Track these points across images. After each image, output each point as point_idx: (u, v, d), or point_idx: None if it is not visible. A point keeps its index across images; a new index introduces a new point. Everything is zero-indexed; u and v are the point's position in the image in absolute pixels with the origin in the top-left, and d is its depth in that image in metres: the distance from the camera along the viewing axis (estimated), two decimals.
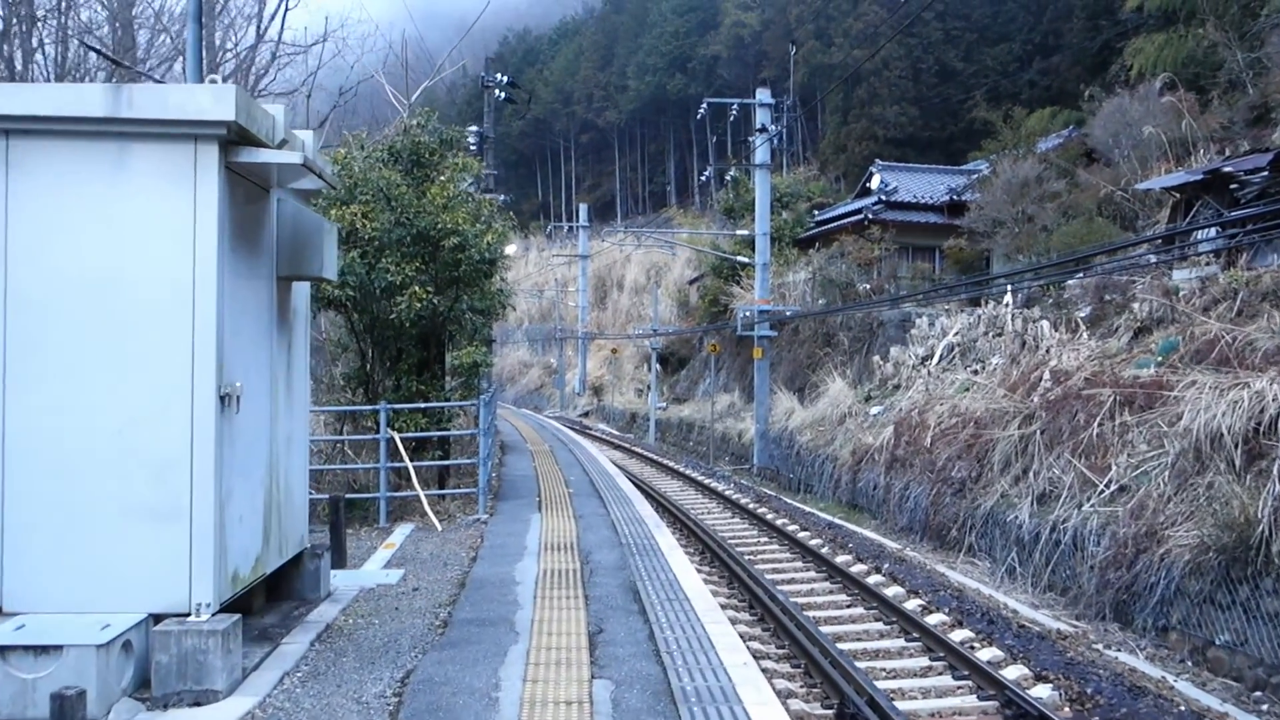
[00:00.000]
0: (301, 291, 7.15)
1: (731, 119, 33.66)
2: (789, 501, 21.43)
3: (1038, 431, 14.76)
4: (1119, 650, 10.38)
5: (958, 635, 10.54)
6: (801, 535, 16.60)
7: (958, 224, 32.61)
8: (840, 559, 14.54)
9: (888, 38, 57.05)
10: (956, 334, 24.20)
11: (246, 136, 5.75)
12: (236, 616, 5.69)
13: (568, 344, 61.05)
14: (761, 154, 28.10)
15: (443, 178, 12.92)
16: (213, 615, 5.58)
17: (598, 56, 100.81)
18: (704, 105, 29.90)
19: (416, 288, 12.13)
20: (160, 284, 5.60)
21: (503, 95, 24.73)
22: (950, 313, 27.58)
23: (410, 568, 9.21)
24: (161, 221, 5.62)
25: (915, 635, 10.62)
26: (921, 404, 20.24)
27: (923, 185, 37.35)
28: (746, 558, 14.65)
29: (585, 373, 56.47)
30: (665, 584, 8.58)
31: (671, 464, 28.20)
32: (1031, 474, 14.31)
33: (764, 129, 27.70)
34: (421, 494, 11.76)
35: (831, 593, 12.87)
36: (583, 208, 58.40)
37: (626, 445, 34.09)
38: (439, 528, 11.05)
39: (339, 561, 9.19)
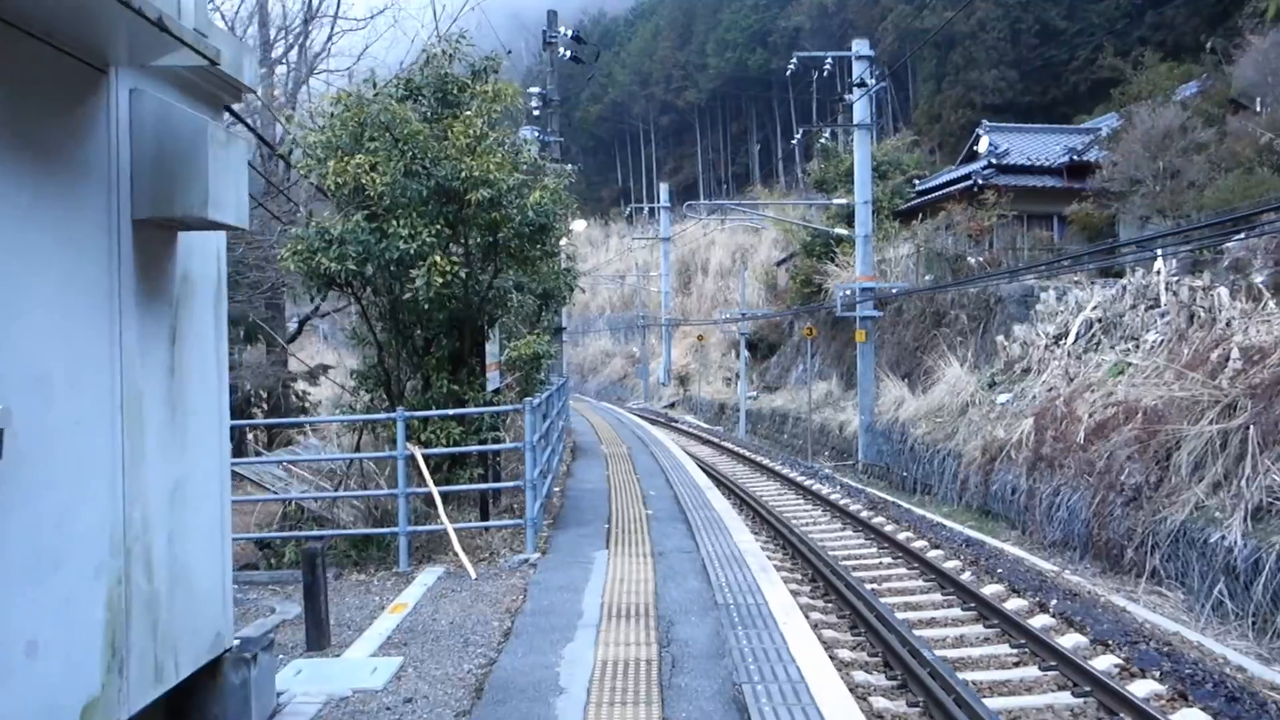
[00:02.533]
0: (199, 249, 4.49)
1: (816, 96, 30.67)
2: (905, 506, 18.43)
3: (1245, 425, 11.57)
4: None
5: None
6: (933, 555, 13.66)
7: (1080, 187, 29.28)
8: (989, 590, 11.59)
9: None
10: (1095, 308, 20.88)
11: None
12: None
13: (651, 332, 58.35)
14: (860, 111, 24.99)
15: (469, 112, 9.95)
16: None
17: (675, 35, 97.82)
18: (793, 61, 26.82)
19: (438, 257, 9.26)
20: None
21: (568, 54, 22.13)
22: (1080, 284, 24.23)
23: (415, 649, 6.49)
24: None
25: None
26: (1066, 391, 17.06)
27: (1037, 146, 33.79)
28: (869, 586, 11.80)
29: (669, 362, 53.69)
30: (785, 687, 5.78)
31: (765, 461, 25.33)
32: (1240, 481, 11.15)
33: (862, 83, 24.61)
34: (450, 528, 8.97)
35: (989, 640, 9.95)
36: (663, 187, 55.54)
37: (715, 440, 31.29)
38: (473, 574, 8.35)
39: (318, 640, 6.61)
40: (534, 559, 8.71)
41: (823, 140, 38.58)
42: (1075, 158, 30.94)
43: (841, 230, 30.68)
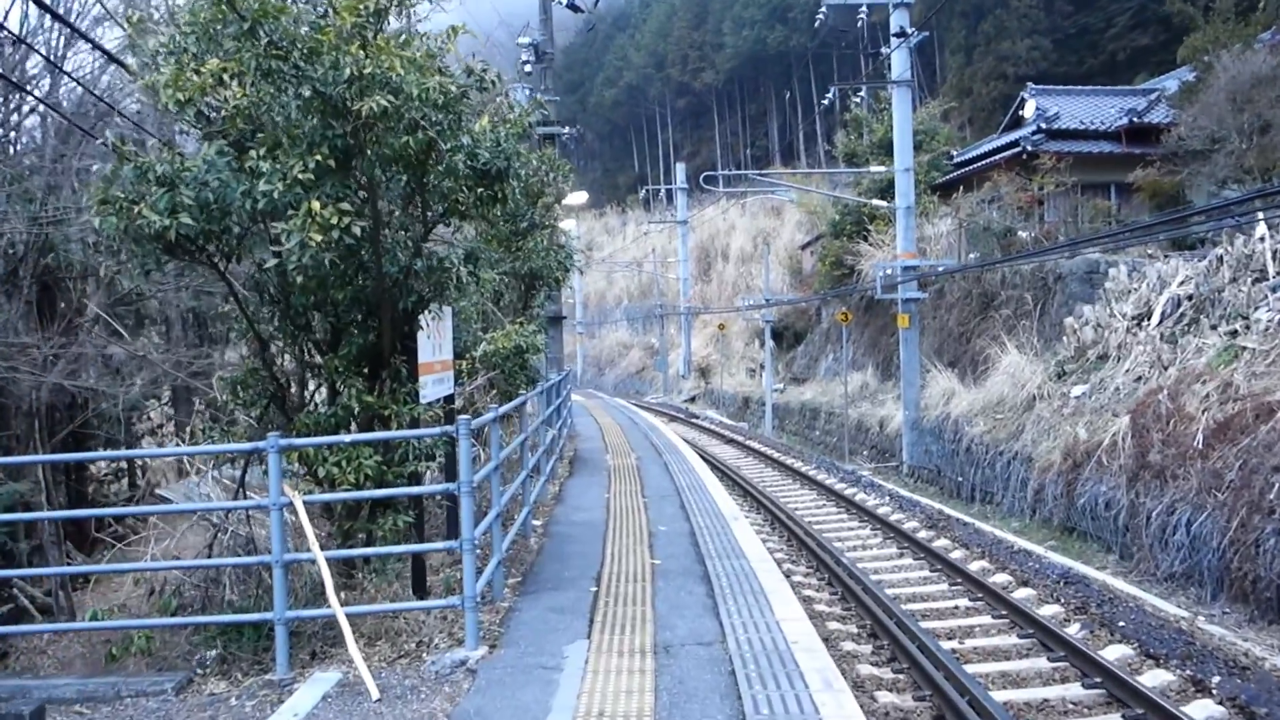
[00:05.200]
0: None
1: (837, 71, 27.54)
2: (968, 522, 15.49)
3: None
4: None
5: None
6: (1019, 595, 10.76)
7: (1143, 152, 26.21)
8: (1114, 653, 8.68)
9: None
10: (1183, 283, 17.85)
11: None
12: None
13: (670, 321, 55.35)
14: (900, 65, 21.98)
15: None
16: None
17: (691, 15, 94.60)
18: (822, 11, 23.82)
19: (315, 204, 6.05)
20: None
21: (564, 1, 19.26)
22: (1154, 257, 21.21)
23: None
24: None
25: None
26: (1166, 383, 14.06)
27: (1089, 110, 30.63)
28: (948, 646, 8.93)
29: (689, 353, 50.65)
30: None
31: (798, 465, 22.42)
32: None
33: (902, 33, 21.60)
34: (342, 617, 5.98)
35: None
36: (680, 168, 52.42)
37: (739, 439, 28.36)
38: (374, 692, 5.46)
39: None
40: (475, 659, 5.75)
41: (852, 109, 35.53)
42: (1135, 120, 27.83)
43: (880, 202, 27.62)
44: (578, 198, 18.61)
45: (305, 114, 6.28)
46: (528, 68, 17.95)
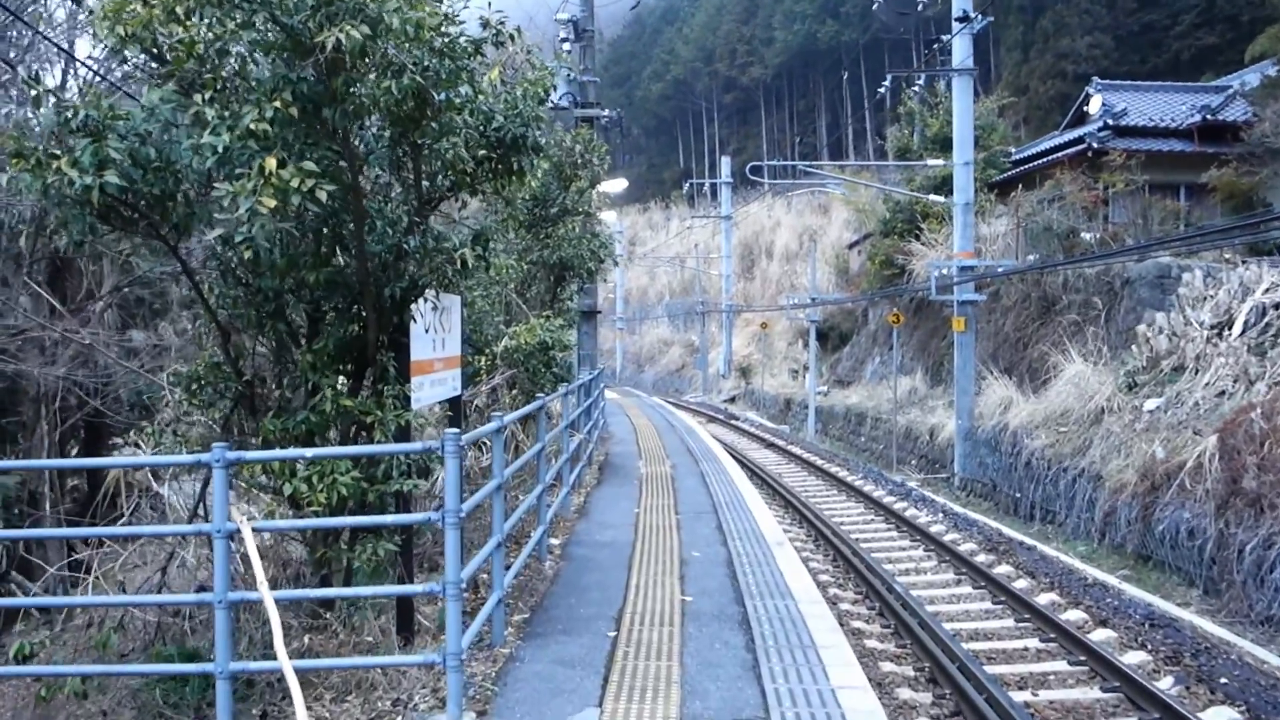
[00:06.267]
0: None
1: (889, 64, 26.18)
2: (1031, 545, 14.23)
3: None
4: None
5: None
6: (1098, 638, 9.52)
7: (1217, 151, 24.73)
8: (1218, 718, 7.45)
9: None
10: (1268, 291, 16.48)
11: None
12: None
13: (711, 319, 54.10)
14: (961, 51, 20.65)
15: None
16: None
17: (740, 8, 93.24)
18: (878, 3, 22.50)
19: (272, 162, 4.84)
20: None
21: None
22: (1232, 263, 19.75)
23: None
24: None
25: None
26: (1266, 399, 12.72)
27: (1158, 106, 29.08)
28: (1020, 699, 7.76)
29: (730, 352, 49.38)
30: None
31: (843, 474, 21.20)
32: None
33: (965, 17, 20.31)
34: (291, 676, 4.65)
35: None
36: (725, 161, 51.18)
37: (780, 443, 27.14)
38: None
39: None
40: None
41: (906, 103, 34.19)
42: (1209, 117, 26.29)
43: (937, 197, 26.31)
44: (616, 185, 17.48)
45: (263, 50, 5.19)
46: (566, 45, 16.88)
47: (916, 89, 32.83)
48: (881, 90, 25.20)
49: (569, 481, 10.91)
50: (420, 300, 6.10)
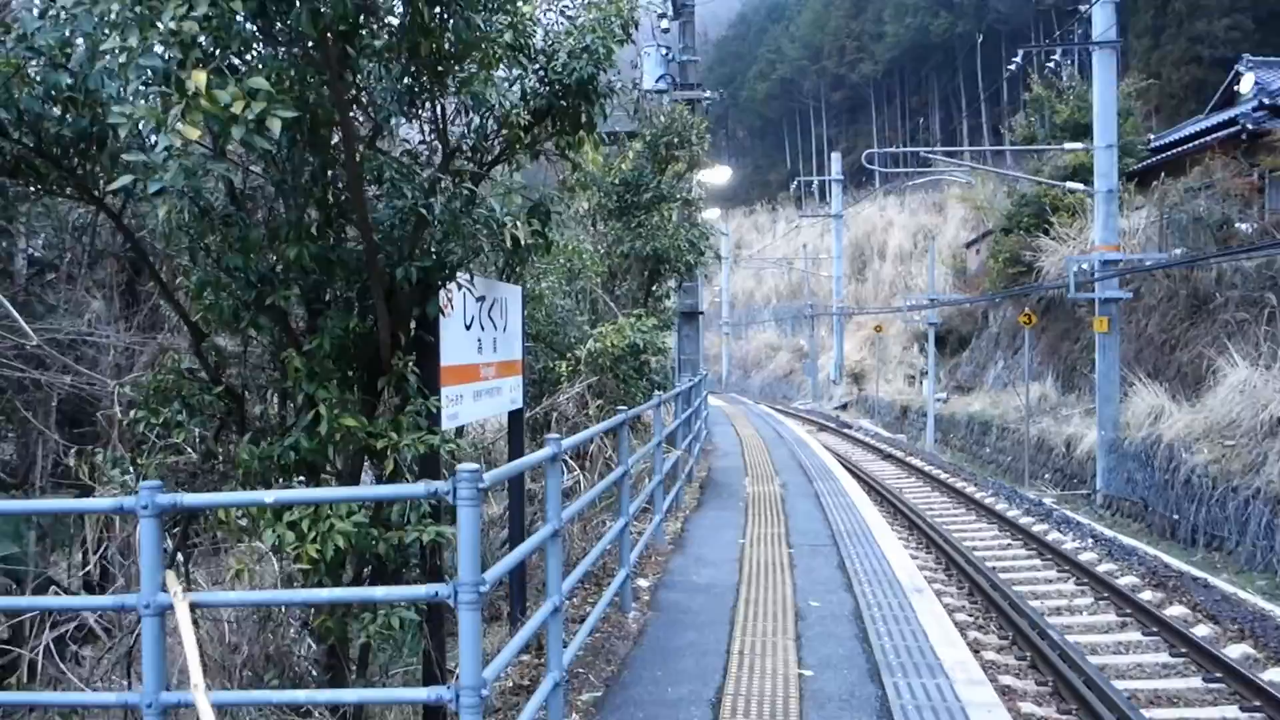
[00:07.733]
0: None
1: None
2: (1196, 573, 12.26)
3: None
4: None
5: None
6: None
7: None
8: None
9: None
10: None
11: None
12: None
13: (820, 323, 52.11)
14: (1103, 23, 18.60)
15: None
16: None
17: (849, 3, 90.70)
18: None
19: (200, 76, 3.21)
20: None
21: None
22: None
23: None
24: None
25: None
26: None
27: None
28: None
29: (841, 356, 47.30)
30: None
31: (969, 490, 19.30)
32: None
33: None
34: None
35: None
36: (835, 158, 49.22)
37: (898, 454, 25.25)
38: None
39: None
40: None
41: (1033, 89, 32.00)
42: None
43: (1075, 185, 24.17)
44: (719, 174, 16.00)
45: None
46: (664, 23, 15.50)
47: (1050, 67, 30.55)
48: (1010, 70, 23.14)
49: (662, 507, 9.46)
50: (453, 286, 4.72)
